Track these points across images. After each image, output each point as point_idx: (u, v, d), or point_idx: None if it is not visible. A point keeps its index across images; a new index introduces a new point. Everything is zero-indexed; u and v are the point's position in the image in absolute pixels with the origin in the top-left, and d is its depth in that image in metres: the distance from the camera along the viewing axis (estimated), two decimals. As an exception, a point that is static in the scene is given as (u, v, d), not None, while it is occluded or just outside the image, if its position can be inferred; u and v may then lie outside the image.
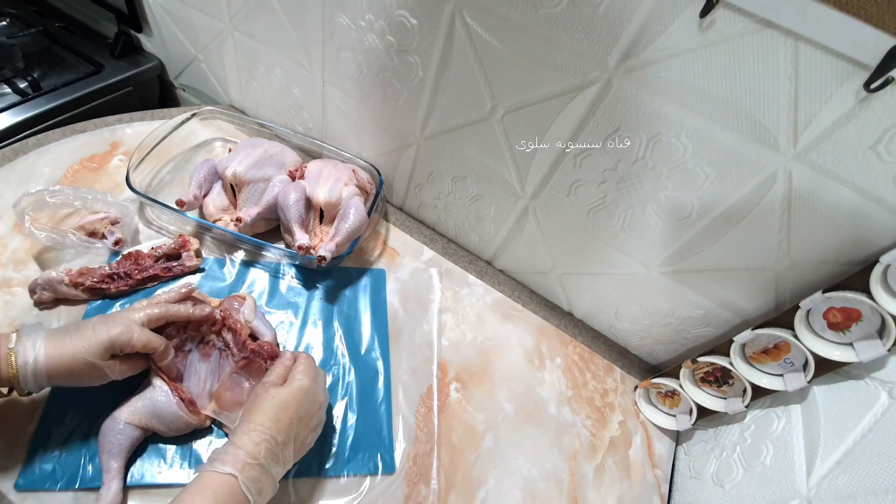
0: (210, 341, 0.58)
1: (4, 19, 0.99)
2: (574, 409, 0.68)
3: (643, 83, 0.48)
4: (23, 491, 0.47)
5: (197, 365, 0.56)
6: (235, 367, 0.56)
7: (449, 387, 0.65)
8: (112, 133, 0.81)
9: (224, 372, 0.56)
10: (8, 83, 0.84)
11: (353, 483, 0.54)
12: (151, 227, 0.70)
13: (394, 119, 0.72)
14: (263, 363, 0.55)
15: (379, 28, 0.62)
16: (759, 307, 0.58)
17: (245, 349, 0.55)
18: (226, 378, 0.56)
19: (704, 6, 0.41)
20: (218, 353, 0.57)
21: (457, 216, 0.80)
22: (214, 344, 0.58)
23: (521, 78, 0.55)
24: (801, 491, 0.48)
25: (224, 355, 0.57)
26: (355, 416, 0.59)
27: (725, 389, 0.61)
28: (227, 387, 0.55)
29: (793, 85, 0.42)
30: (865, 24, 0.36)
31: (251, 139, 0.79)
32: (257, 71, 0.84)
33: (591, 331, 0.80)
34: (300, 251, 0.65)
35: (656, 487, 0.64)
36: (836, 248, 0.48)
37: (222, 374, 0.56)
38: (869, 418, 0.45)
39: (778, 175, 0.47)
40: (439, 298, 0.74)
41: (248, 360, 0.55)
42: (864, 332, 0.47)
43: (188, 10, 0.83)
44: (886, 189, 0.43)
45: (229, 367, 0.56)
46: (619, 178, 0.57)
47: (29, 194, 0.61)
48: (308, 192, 0.69)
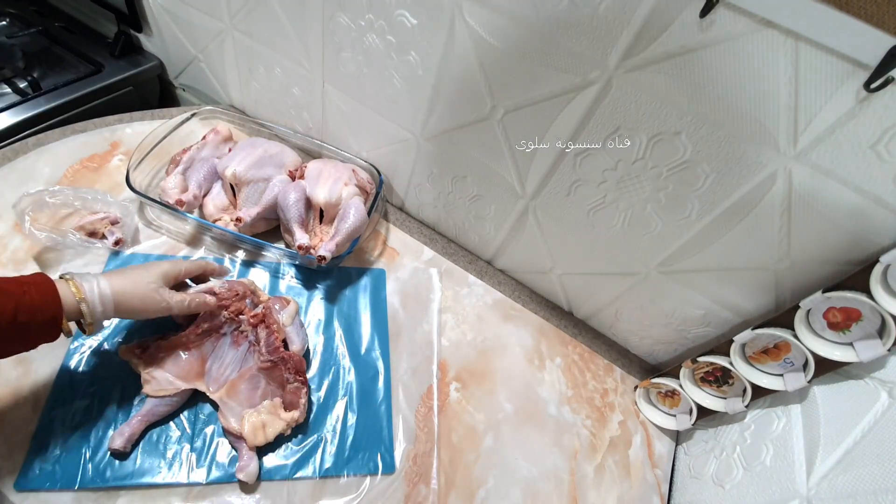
0: (245, 332, 0.58)
1: (4, 19, 0.99)
2: (574, 409, 0.68)
3: (643, 83, 0.48)
4: (23, 491, 0.47)
5: (226, 349, 0.57)
6: (258, 365, 0.56)
7: (449, 387, 0.65)
8: (112, 133, 0.81)
9: (246, 365, 0.57)
10: (8, 83, 0.84)
11: (353, 483, 0.55)
12: (151, 226, 0.70)
13: (394, 119, 0.72)
14: (286, 373, 0.55)
15: (379, 28, 0.62)
16: (759, 307, 0.58)
17: (275, 352, 0.56)
18: (246, 371, 0.56)
19: (704, 6, 0.41)
20: (248, 346, 0.58)
21: (457, 216, 0.80)
22: (248, 336, 0.58)
23: (521, 78, 0.55)
24: (801, 491, 0.48)
25: (252, 350, 0.57)
26: (355, 415, 0.59)
27: (725, 389, 0.61)
28: (244, 380, 0.55)
29: (793, 85, 0.42)
30: (865, 24, 0.36)
31: (251, 139, 0.79)
32: (257, 71, 0.84)
33: (591, 331, 0.80)
34: (300, 251, 0.65)
35: (656, 487, 0.64)
36: (836, 248, 0.48)
37: (244, 367, 0.56)
38: (869, 418, 0.45)
39: (778, 175, 0.47)
40: (439, 298, 0.74)
41: (274, 364, 0.55)
42: (864, 332, 0.47)
43: (188, 9, 0.83)
44: (886, 189, 0.43)
45: (252, 363, 0.56)
46: (619, 178, 0.57)
47: (29, 194, 0.61)
48: (308, 192, 0.69)
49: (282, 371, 0.55)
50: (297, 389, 0.55)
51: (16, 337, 0.42)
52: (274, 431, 0.53)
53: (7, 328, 0.40)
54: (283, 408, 0.55)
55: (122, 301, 0.48)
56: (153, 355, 0.54)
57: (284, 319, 0.58)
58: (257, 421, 0.52)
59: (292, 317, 0.59)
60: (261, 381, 0.56)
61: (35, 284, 0.43)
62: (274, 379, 0.56)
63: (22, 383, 0.52)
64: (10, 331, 0.41)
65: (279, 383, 0.56)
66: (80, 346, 0.56)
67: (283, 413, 0.54)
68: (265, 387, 0.56)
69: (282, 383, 0.56)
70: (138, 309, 0.50)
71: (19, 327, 0.41)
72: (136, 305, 0.49)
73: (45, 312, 0.43)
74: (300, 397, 0.55)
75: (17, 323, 0.41)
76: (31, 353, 0.54)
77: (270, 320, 0.58)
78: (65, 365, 0.54)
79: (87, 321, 0.46)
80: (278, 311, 0.59)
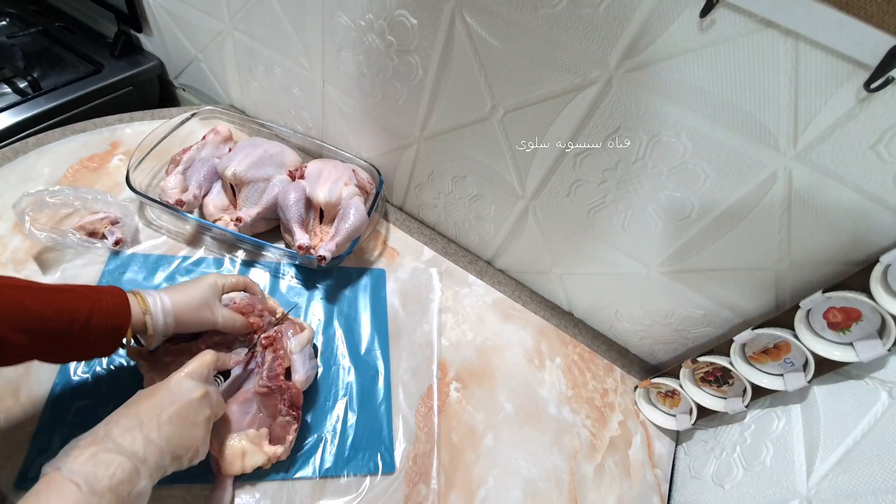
0: (255, 353, 0.56)
1: (4, 19, 0.99)
2: (574, 409, 0.68)
3: (643, 83, 0.48)
4: (23, 491, 0.46)
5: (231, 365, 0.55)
6: (256, 388, 0.53)
7: (449, 387, 0.65)
8: (112, 133, 0.81)
9: (247, 386, 0.54)
10: (8, 83, 0.84)
11: (353, 483, 0.54)
12: (151, 226, 0.70)
13: (394, 119, 0.72)
14: (280, 404, 0.52)
15: (379, 28, 0.62)
16: (759, 307, 0.58)
17: (275, 380, 0.53)
18: (242, 394, 0.54)
19: (704, 6, 0.41)
20: (255, 366, 0.55)
21: (457, 216, 0.80)
22: (256, 356, 0.56)
23: (521, 78, 0.55)
24: (801, 491, 0.48)
25: (257, 371, 0.55)
26: (355, 415, 0.59)
27: (725, 389, 0.61)
28: (237, 402, 0.53)
29: (793, 85, 0.42)
30: (865, 24, 0.36)
31: (251, 139, 0.79)
32: (257, 71, 0.84)
33: (591, 331, 0.80)
34: (300, 251, 0.65)
35: (656, 487, 0.64)
36: (836, 248, 0.48)
37: (245, 387, 0.54)
38: (869, 418, 0.45)
39: (778, 175, 0.47)
40: (439, 298, 0.74)
41: (271, 391, 0.52)
42: (864, 332, 0.47)
43: (188, 9, 0.83)
44: (886, 189, 0.43)
45: (250, 385, 0.54)
46: (619, 178, 0.57)
47: (29, 194, 0.61)
48: (308, 191, 0.69)
49: (276, 401, 0.52)
50: (287, 424, 0.52)
51: (80, 342, 0.42)
52: (252, 463, 0.50)
53: (78, 331, 0.41)
54: (268, 440, 0.52)
55: (181, 315, 0.49)
56: (160, 359, 0.53)
57: (293, 346, 0.55)
58: (237, 448, 0.50)
59: (301, 345, 0.56)
60: (252, 407, 0.53)
61: (110, 293, 0.45)
62: (267, 407, 0.53)
63: (22, 383, 0.52)
64: (79, 334, 0.41)
65: (271, 413, 0.53)
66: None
67: (266, 446, 0.51)
68: (256, 414, 0.53)
69: (274, 414, 0.53)
70: (193, 323, 0.51)
71: (89, 331, 0.42)
72: (192, 320, 0.50)
73: (115, 321, 0.44)
74: (288, 433, 0.52)
75: (89, 326, 0.42)
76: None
77: (278, 346, 0.55)
78: (65, 365, 0.54)
79: (150, 333, 0.47)
80: (290, 336, 0.56)
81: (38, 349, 0.41)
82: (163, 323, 0.47)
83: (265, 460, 0.51)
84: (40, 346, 0.41)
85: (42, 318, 0.40)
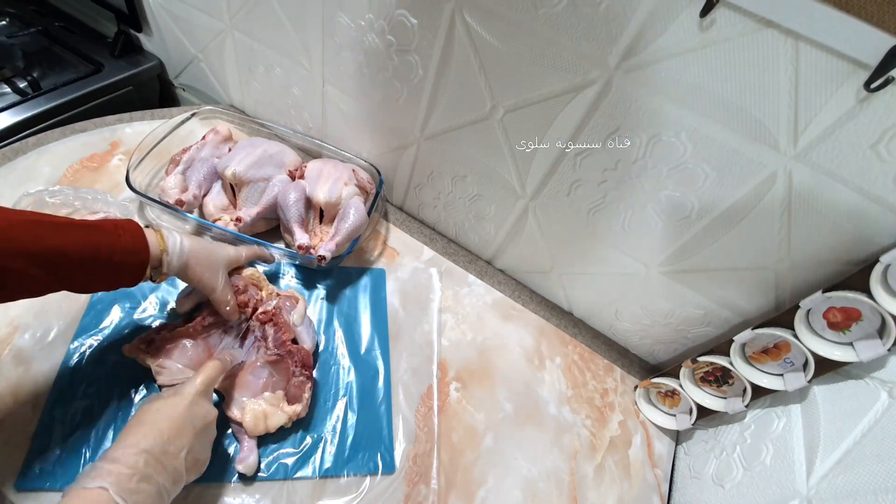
0: (252, 328, 0.59)
1: (4, 19, 0.99)
2: (574, 409, 0.68)
3: (643, 83, 0.48)
4: (23, 491, 0.47)
5: (232, 341, 0.58)
6: (265, 359, 0.56)
7: (449, 386, 0.65)
8: (112, 133, 0.81)
9: (250, 359, 0.57)
10: (8, 83, 0.84)
11: (353, 483, 0.54)
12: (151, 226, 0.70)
13: (394, 119, 0.72)
14: (293, 366, 0.55)
15: (379, 28, 0.62)
16: (759, 307, 0.58)
17: (283, 347, 0.56)
18: (251, 364, 0.56)
19: (704, 6, 0.41)
20: (253, 340, 0.58)
21: (457, 216, 0.80)
22: (254, 331, 0.58)
23: (521, 78, 0.55)
24: (801, 491, 0.48)
25: (256, 345, 0.58)
26: (355, 415, 0.59)
27: (725, 389, 0.61)
28: (249, 371, 0.56)
29: (793, 85, 0.42)
30: (865, 24, 0.36)
31: (251, 139, 0.79)
32: (257, 71, 0.84)
33: (591, 330, 0.80)
34: (300, 251, 0.65)
35: (656, 487, 0.64)
36: (836, 248, 0.48)
37: (249, 360, 0.57)
38: (869, 418, 0.45)
39: (778, 175, 0.47)
40: (439, 298, 0.74)
41: (281, 357, 0.56)
42: (864, 332, 0.47)
43: (188, 9, 0.83)
44: (886, 189, 0.43)
45: (255, 357, 0.57)
46: (619, 178, 0.57)
47: (29, 194, 0.61)
48: (308, 191, 0.69)
49: (288, 364, 0.55)
50: (302, 384, 0.55)
51: (106, 275, 0.45)
52: (275, 423, 0.53)
53: (102, 266, 0.43)
54: (285, 400, 0.55)
55: (192, 265, 0.51)
56: (160, 347, 0.55)
57: (295, 319, 0.58)
58: (259, 411, 0.52)
59: (302, 316, 0.59)
60: (265, 373, 0.56)
61: (127, 230, 0.46)
62: (279, 371, 0.56)
63: (22, 383, 0.52)
64: (104, 268, 0.43)
65: (284, 376, 0.56)
66: (80, 345, 0.56)
67: (285, 406, 0.54)
68: (269, 378, 0.56)
69: (287, 376, 0.56)
70: (196, 279, 0.52)
71: (113, 267, 0.44)
72: (197, 274, 0.52)
73: (135, 257, 0.46)
74: (304, 391, 0.55)
75: (112, 263, 0.44)
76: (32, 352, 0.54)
77: (280, 320, 0.58)
78: (65, 365, 0.54)
79: (163, 271, 0.49)
80: (288, 310, 0.59)
81: (61, 282, 0.42)
82: (177, 265, 0.49)
83: (286, 419, 0.53)
84: (62, 280, 0.42)
85: (63, 253, 0.40)
